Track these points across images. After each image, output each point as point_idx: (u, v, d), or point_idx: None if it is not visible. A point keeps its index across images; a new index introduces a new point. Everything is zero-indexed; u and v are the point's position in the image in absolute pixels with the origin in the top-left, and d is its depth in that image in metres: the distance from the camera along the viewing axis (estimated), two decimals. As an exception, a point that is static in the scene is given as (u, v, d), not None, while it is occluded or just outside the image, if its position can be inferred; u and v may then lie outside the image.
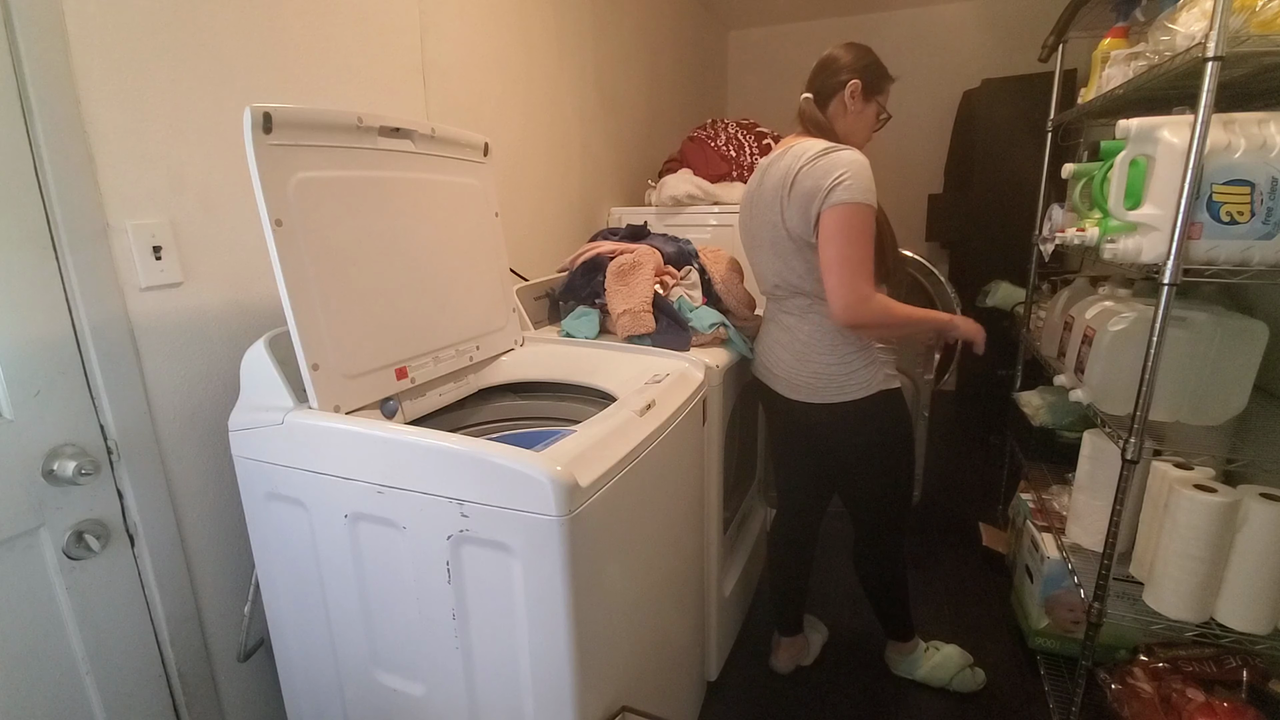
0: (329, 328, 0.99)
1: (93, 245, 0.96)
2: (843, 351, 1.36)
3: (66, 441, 0.95)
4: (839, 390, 1.37)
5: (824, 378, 1.37)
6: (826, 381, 1.37)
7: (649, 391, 1.16)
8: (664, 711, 1.26)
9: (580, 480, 0.86)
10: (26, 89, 0.87)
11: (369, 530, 0.96)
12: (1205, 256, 1.14)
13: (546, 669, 0.91)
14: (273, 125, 0.91)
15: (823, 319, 1.36)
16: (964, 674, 1.63)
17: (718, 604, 1.61)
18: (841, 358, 1.36)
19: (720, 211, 2.36)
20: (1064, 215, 1.71)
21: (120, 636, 1.04)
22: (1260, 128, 1.10)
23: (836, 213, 1.22)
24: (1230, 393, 1.31)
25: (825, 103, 1.37)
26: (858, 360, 1.36)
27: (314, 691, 1.14)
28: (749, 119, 2.63)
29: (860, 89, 1.35)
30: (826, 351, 1.37)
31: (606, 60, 2.46)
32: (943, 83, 3.49)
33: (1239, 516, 1.19)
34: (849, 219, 1.22)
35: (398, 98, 1.51)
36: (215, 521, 1.16)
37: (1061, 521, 1.63)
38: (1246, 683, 1.33)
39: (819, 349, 1.38)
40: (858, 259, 1.23)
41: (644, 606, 1.14)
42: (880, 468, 1.46)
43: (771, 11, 3.61)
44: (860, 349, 1.37)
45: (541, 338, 1.57)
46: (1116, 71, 1.47)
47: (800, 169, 1.26)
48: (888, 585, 1.60)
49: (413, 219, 1.17)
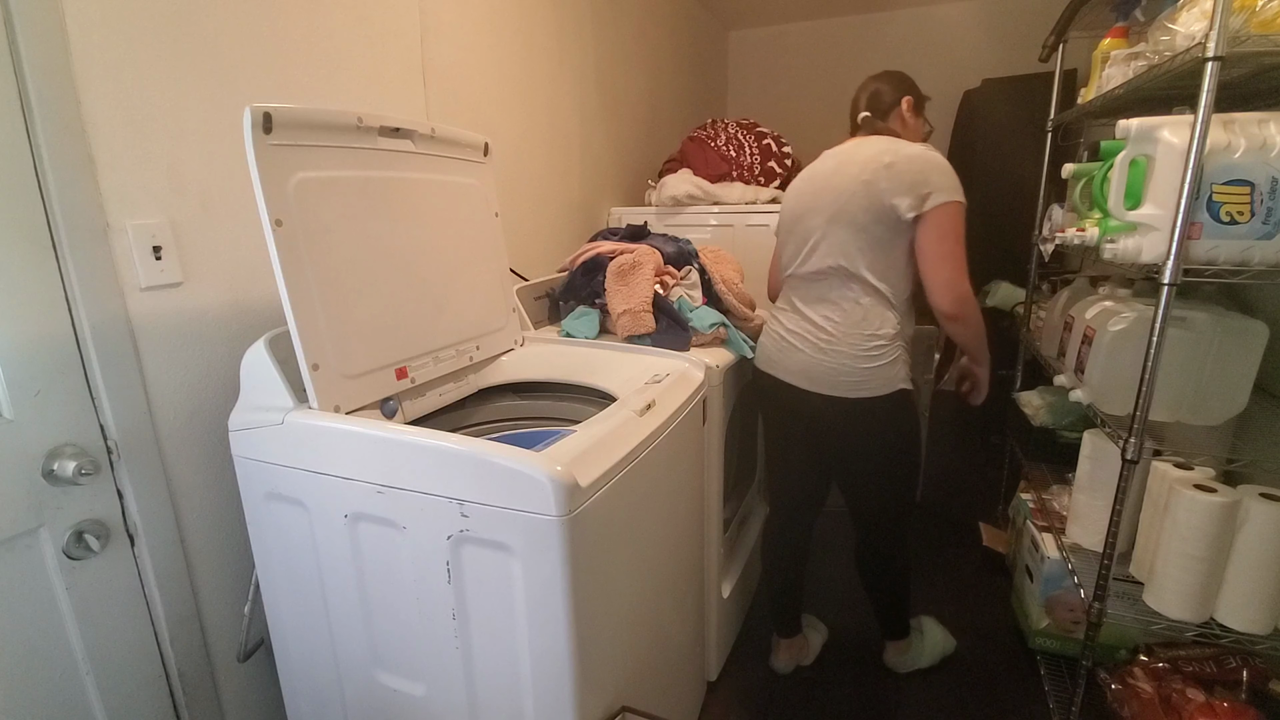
0: (329, 328, 0.99)
1: (93, 245, 0.96)
2: (873, 346, 1.35)
3: (66, 441, 0.95)
4: (860, 385, 1.36)
5: (848, 371, 1.36)
6: (849, 375, 1.36)
7: (649, 391, 1.16)
8: (664, 711, 1.26)
9: (580, 480, 0.86)
10: (26, 89, 0.87)
11: (369, 530, 0.96)
12: (1205, 256, 1.14)
13: (546, 669, 0.91)
14: (273, 125, 0.91)
15: (866, 311, 1.35)
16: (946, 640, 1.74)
17: (718, 604, 1.61)
18: (870, 351, 1.35)
19: (720, 211, 2.36)
20: (1064, 215, 1.71)
21: (120, 636, 1.04)
22: (1260, 128, 1.10)
23: (950, 210, 1.29)
24: (1230, 393, 1.31)
25: (884, 118, 1.49)
26: (885, 356, 1.35)
27: (314, 691, 1.14)
28: (749, 119, 2.62)
29: (913, 104, 1.50)
30: (859, 343, 1.35)
31: (606, 60, 2.46)
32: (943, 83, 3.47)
33: (1239, 516, 1.19)
34: (958, 217, 1.30)
35: (398, 98, 1.51)
36: (215, 521, 1.16)
37: (1061, 521, 1.63)
38: (1246, 683, 1.33)
39: (850, 340, 1.35)
40: (963, 255, 1.32)
41: (644, 606, 1.14)
42: (889, 467, 1.46)
43: (771, 11, 3.60)
44: (890, 346, 1.35)
45: (541, 338, 1.57)
46: (1116, 71, 1.47)
47: (903, 155, 1.31)
48: (892, 586, 1.60)
49: (413, 219, 1.17)
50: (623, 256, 1.59)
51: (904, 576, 1.59)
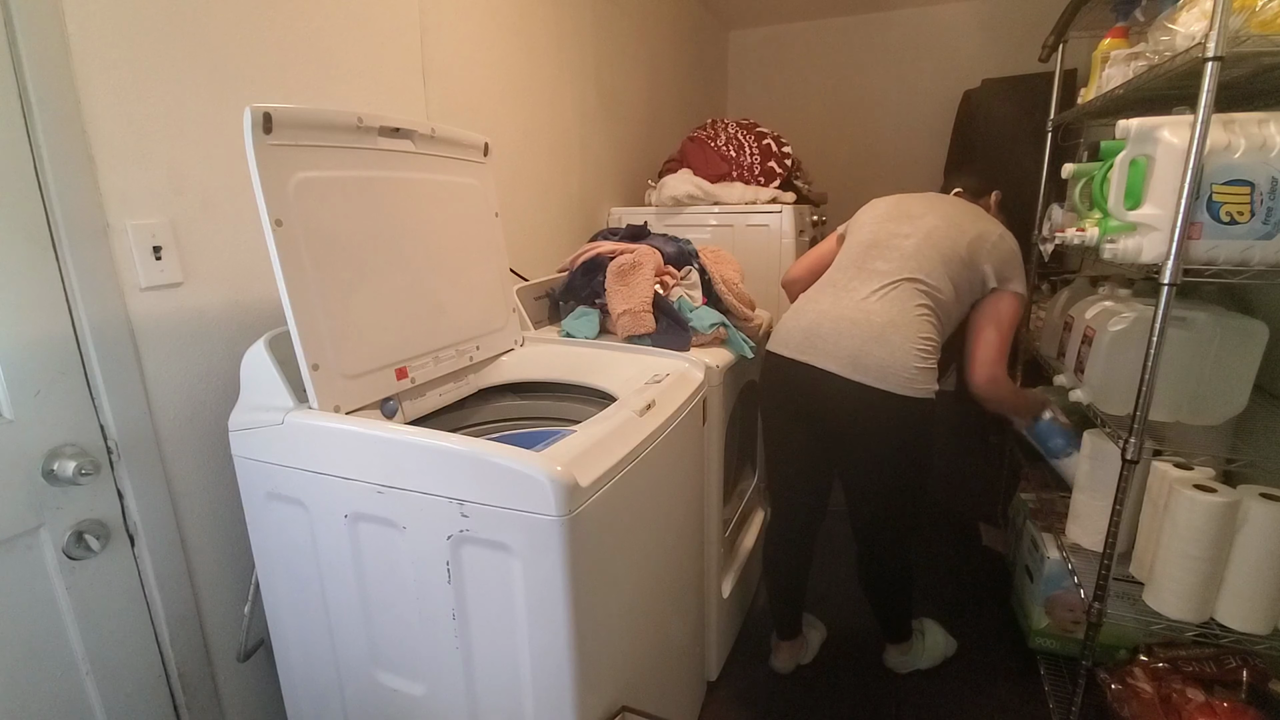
0: (329, 328, 0.99)
1: (93, 245, 0.96)
2: (924, 347, 1.36)
3: (66, 441, 0.95)
4: (908, 382, 1.34)
5: (900, 365, 1.34)
6: (901, 370, 1.34)
7: (649, 391, 1.16)
8: (664, 711, 1.26)
9: (580, 480, 0.86)
10: (26, 89, 0.88)
11: (369, 530, 0.96)
12: (1205, 256, 1.14)
13: (546, 669, 0.91)
14: (273, 125, 0.91)
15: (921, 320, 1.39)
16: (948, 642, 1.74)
17: (718, 604, 1.61)
18: (921, 350, 1.36)
19: (720, 211, 2.36)
20: (1064, 215, 1.71)
21: (120, 636, 1.04)
22: (1260, 128, 1.10)
23: (1015, 301, 1.45)
24: (1230, 393, 1.31)
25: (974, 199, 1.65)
26: (930, 359, 1.37)
27: (314, 691, 1.14)
28: (749, 119, 2.63)
29: (999, 199, 1.70)
30: (913, 341, 1.36)
31: (606, 60, 2.46)
32: (943, 83, 3.49)
33: (1239, 516, 1.19)
34: (1019, 308, 1.46)
35: (398, 98, 1.51)
36: (215, 521, 1.16)
37: (1061, 521, 1.63)
38: (1246, 683, 1.32)
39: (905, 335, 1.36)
40: (1007, 345, 1.47)
41: (644, 606, 1.14)
42: (902, 473, 1.44)
43: (771, 11, 3.60)
44: (934, 352, 1.39)
45: (541, 338, 1.57)
46: (1116, 71, 1.47)
47: (1008, 240, 1.47)
48: (894, 593, 1.59)
49: (413, 219, 1.17)
50: (623, 256, 1.59)
51: (906, 583, 1.58)
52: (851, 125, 3.77)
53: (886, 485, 1.46)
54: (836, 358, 1.38)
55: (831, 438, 1.48)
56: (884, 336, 1.36)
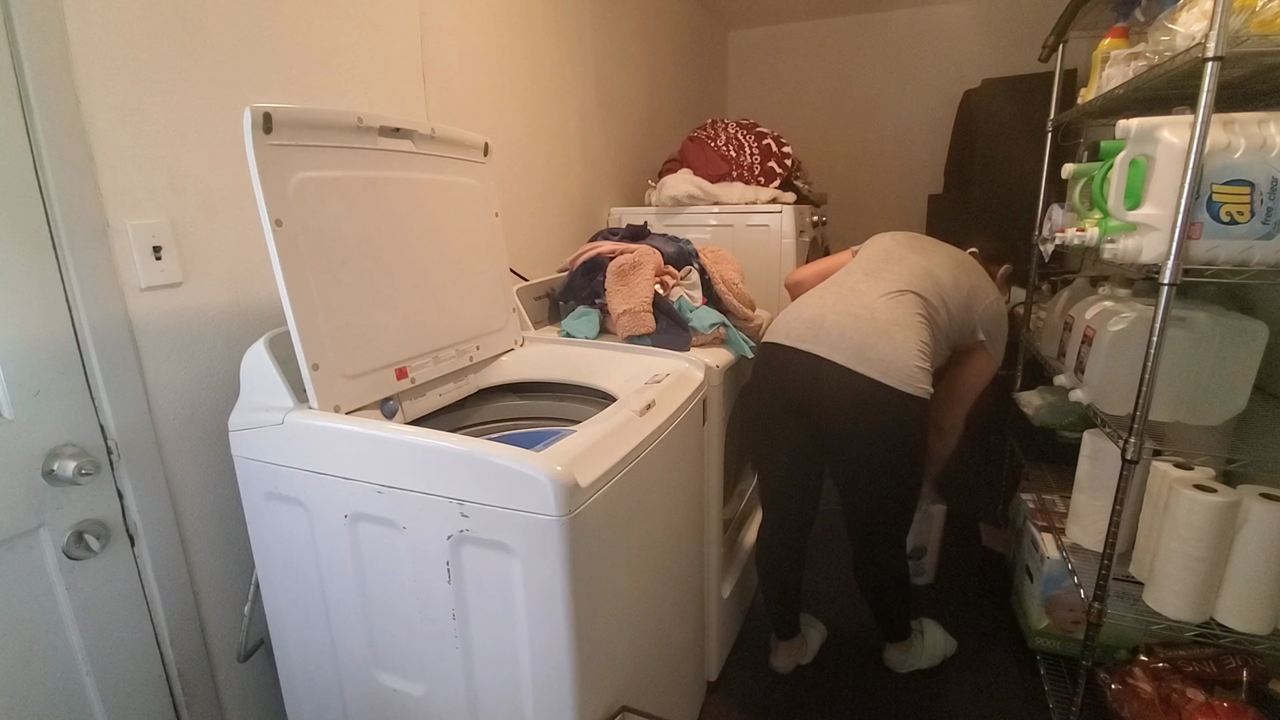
0: (329, 328, 0.99)
1: (93, 245, 0.96)
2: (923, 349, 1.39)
3: (66, 441, 0.95)
4: (909, 379, 1.35)
5: (902, 362, 1.36)
6: (903, 366, 1.36)
7: (649, 391, 1.16)
8: (664, 711, 1.26)
9: (580, 480, 0.86)
10: (26, 89, 0.88)
11: (369, 530, 0.96)
12: (1205, 256, 1.14)
13: (546, 669, 0.91)
14: (273, 125, 0.91)
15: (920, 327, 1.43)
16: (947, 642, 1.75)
17: (717, 604, 1.61)
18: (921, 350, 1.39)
19: (720, 211, 2.36)
20: (1064, 215, 1.71)
21: (120, 636, 1.04)
22: (1260, 128, 1.10)
23: (991, 365, 1.61)
24: (1230, 393, 1.31)
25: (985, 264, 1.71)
26: (928, 361, 1.40)
27: (314, 691, 1.14)
28: (749, 119, 2.62)
29: (1010, 273, 1.84)
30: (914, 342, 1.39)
31: (606, 60, 2.46)
32: (943, 83, 3.49)
33: (1239, 516, 1.19)
34: (991, 371, 1.62)
35: (398, 98, 1.51)
36: (215, 521, 1.16)
37: (1061, 521, 1.63)
38: (1246, 683, 1.33)
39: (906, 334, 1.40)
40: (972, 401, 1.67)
41: (644, 606, 1.14)
42: (898, 471, 1.44)
43: (771, 11, 3.60)
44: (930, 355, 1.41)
45: (541, 338, 1.57)
46: (1116, 71, 1.47)
47: (1000, 307, 1.58)
48: (892, 593, 1.59)
49: (413, 219, 1.17)
50: (623, 256, 1.59)
51: (904, 582, 1.58)
52: (852, 125, 3.77)
53: (883, 483, 1.46)
54: (840, 348, 1.40)
55: (827, 434, 1.47)
56: (888, 332, 1.39)
